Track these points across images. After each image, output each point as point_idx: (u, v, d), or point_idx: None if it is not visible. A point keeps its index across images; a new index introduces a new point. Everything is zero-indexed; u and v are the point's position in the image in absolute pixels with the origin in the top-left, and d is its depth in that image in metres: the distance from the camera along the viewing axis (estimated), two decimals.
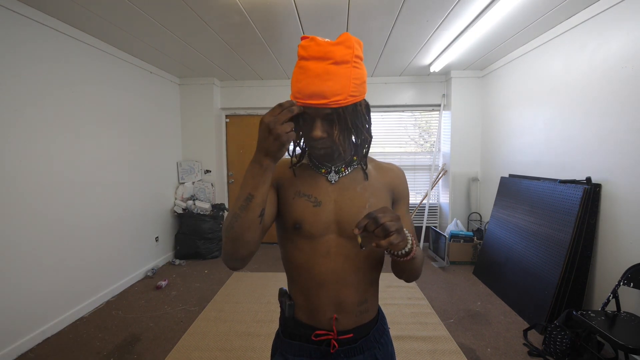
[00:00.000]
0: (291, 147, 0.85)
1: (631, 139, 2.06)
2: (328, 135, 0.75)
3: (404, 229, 0.68)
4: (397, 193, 0.88)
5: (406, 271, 0.79)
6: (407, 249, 0.69)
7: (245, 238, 0.70)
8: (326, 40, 0.72)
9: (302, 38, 0.75)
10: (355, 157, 0.85)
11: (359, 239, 0.67)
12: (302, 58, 0.73)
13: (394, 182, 0.87)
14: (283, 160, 0.89)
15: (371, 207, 0.80)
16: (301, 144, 0.84)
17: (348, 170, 0.84)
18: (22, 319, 2.21)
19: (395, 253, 0.70)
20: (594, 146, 2.35)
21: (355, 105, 0.75)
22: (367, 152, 0.84)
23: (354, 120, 0.75)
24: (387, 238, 0.63)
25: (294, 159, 0.85)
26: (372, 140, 0.82)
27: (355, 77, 0.72)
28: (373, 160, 0.90)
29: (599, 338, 2.05)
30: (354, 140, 0.82)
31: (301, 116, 0.74)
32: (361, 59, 0.75)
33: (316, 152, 0.79)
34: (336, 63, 0.70)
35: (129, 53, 3.26)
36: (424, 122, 4.66)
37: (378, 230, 0.64)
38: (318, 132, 0.73)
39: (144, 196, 3.59)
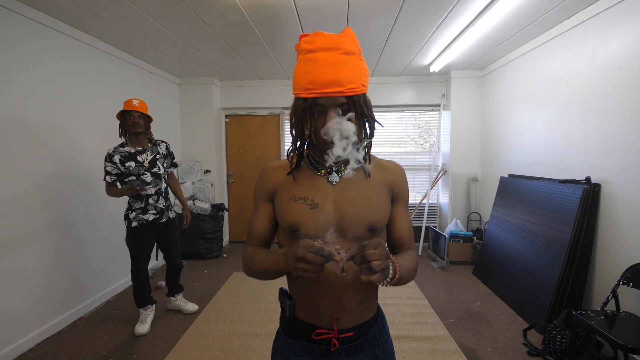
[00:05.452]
0: (290, 149, 0.84)
1: (631, 139, 2.06)
2: None
3: (389, 260, 0.68)
4: (397, 192, 0.87)
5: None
6: (388, 279, 0.69)
7: (262, 280, 0.88)
8: (331, 33, 0.73)
9: (302, 36, 0.75)
10: None
11: (342, 264, 0.67)
12: (309, 51, 0.72)
13: (394, 180, 0.86)
14: (278, 166, 0.88)
15: (369, 207, 0.80)
16: (304, 141, 0.81)
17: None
18: (22, 319, 2.21)
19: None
20: (594, 146, 2.36)
21: (365, 95, 0.75)
22: (370, 149, 0.83)
23: (367, 110, 0.75)
24: (369, 276, 0.64)
25: (293, 162, 0.84)
26: (373, 139, 0.82)
27: (363, 68, 0.74)
28: (373, 157, 0.89)
29: (598, 338, 2.06)
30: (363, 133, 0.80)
31: (314, 108, 0.73)
32: (361, 53, 0.76)
33: (328, 147, 0.75)
34: (346, 53, 0.71)
35: (128, 53, 3.26)
36: (424, 122, 4.66)
37: (364, 267, 0.65)
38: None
39: None
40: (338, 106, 0.72)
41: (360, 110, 0.73)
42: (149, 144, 2.44)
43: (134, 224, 2.37)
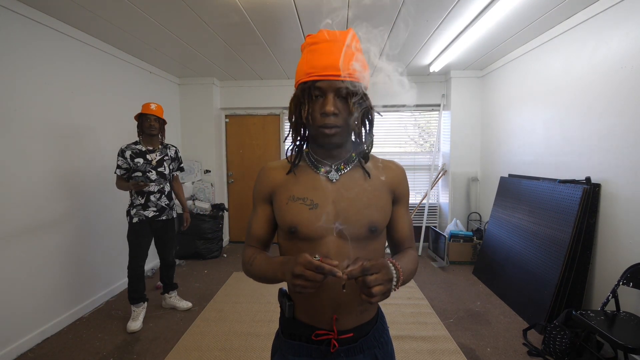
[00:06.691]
0: (290, 147, 0.85)
1: (631, 138, 2.06)
2: (340, 113, 0.74)
3: (391, 284, 0.67)
4: (398, 192, 0.86)
5: None
6: (392, 286, 0.69)
7: (261, 282, 0.86)
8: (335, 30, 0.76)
9: (308, 37, 0.78)
10: (354, 154, 0.84)
11: (344, 282, 0.68)
12: (312, 44, 0.76)
13: (395, 180, 0.86)
14: (277, 166, 0.87)
15: (369, 207, 0.80)
16: (302, 125, 0.81)
17: (347, 168, 0.83)
18: (22, 319, 2.21)
19: None
20: (594, 146, 2.36)
21: (364, 86, 0.77)
22: (370, 148, 0.82)
23: (366, 98, 0.77)
24: (368, 298, 0.65)
25: (290, 159, 0.84)
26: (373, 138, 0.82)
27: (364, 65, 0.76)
28: (372, 157, 0.88)
29: (598, 338, 2.06)
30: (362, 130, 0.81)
31: (312, 91, 0.74)
32: (362, 52, 0.78)
33: (325, 133, 0.75)
34: (348, 46, 0.74)
35: (129, 53, 3.26)
36: (424, 122, 4.66)
37: (364, 290, 0.65)
38: (330, 107, 0.72)
39: None
40: (336, 91, 0.73)
41: (359, 97, 0.74)
42: (160, 146, 2.60)
43: (135, 219, 2.49)
